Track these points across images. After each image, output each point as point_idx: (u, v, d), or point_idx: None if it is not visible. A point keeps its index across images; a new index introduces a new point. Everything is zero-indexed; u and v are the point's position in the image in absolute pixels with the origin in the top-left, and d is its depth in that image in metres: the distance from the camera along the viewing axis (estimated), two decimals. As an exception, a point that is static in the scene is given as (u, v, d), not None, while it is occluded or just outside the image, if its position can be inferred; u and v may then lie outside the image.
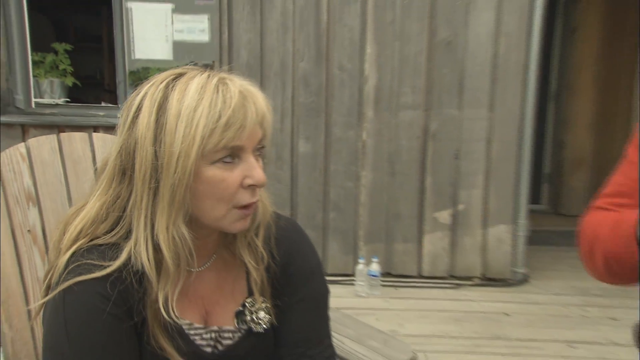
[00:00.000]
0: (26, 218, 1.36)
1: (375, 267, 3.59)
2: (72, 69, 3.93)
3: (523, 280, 3.94)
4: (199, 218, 0.98)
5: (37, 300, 1.27)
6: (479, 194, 3.83)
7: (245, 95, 0.94)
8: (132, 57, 3.62)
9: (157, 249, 0.94)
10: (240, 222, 1.00)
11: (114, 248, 0.96)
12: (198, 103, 0.91)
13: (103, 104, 3.95)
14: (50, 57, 3.84)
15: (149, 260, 0.93)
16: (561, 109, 6.04)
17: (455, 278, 3.88)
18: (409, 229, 3.83)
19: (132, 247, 0.94)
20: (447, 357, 2.80)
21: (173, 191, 0.92)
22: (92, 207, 0.98)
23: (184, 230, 0.94)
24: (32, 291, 1.35)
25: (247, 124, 0.93)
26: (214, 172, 0.94)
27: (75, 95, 4.02)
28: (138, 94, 0.97)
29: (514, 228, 3.88)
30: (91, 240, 0.96)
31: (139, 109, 0.95)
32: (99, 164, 1.27)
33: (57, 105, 3.73)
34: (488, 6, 3.65)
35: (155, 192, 0.94)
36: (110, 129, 2.03)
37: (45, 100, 3.65)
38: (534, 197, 5.32)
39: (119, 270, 0.93)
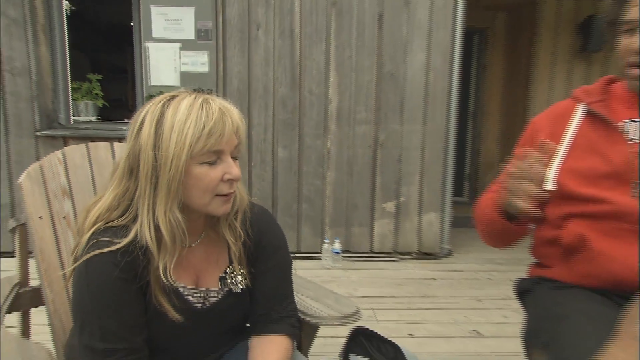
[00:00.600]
0: (62, 208, 1.35)
1: (337, 246, 3.62)
2: (102, 94, 3.91)
3: (448, 254, 4.01)
4: (190, 205, 1.00)
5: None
6: (415, 189, 3.87)
7: (223, 111, 0.97)
8: (149, 84, 3.60)
9: (157, 229, 0.96)
10: (223, 207, 1.01)
11: (124, 229, 0.97)
12: (187, 117, 0.93)
13: (126, 120, 3.90)
14: (85, 85, 3.82)
15: (151, 238, 0.95)
16: (477, 125, 6.10)
17: (397, 253, 3.91)
18: (363, 216, 3.86)
19: (138, 228, 0.96)
20: (390, 312, 2.81)
21: (169, 185, 0.94)
22: (107, 198, 0.99)
23: (178, 214, 0.97)
24: (67, 263, 1.31)
25: (225, 132, 0.96)
26: (200, 170, 0.96)
27: (105, 114, 3.97)
28: (142, 112, 0.99)
29: (441, 215, 3.94)
30: (106, 223, 0.98)
31: (142, 122, 0.96)
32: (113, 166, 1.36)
33: (90, 122, 3.71)
34: (420, 48, 3.69)
35: (155, 186, 0.95)
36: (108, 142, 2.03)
37: (81, 118, 3.62)
38: (457, 192, 5.43)
39: (128, 245, 0.94)
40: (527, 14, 5.51)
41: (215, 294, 1.08)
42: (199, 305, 1.05)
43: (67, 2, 3.34)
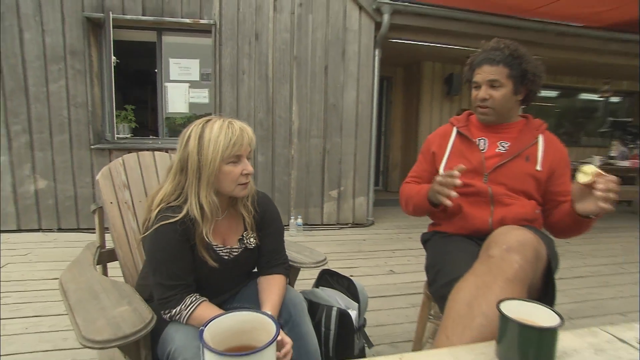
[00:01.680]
0: (124, 196, 1.36)
1: (300, 221, 3.63)
2: (134, 118, 3.78)
3: (372, 223, 4.04)
4: (221, 191, 1.00)
5: (132, 237, 1.32)
6: (351, 181, 3.90)
7: (242, 129, 0.97)
8: (167, 111, 3.54)
9: (201, 207, 0.96)
10: (243, 192, 1.01)
11: (179, 208, 0.97)
12: (219, 134, 0.94)
13: (151, 137, 3.81)
14: (123, 113, 3.67)
15: (197, 212, 0.96)
16: (387, 139, 6.16)
17: (339, 224, 3.94)
18: (317, 200, 3.86)
19: (189, 207, 0.96)
20: (337, 262, 2.80)
21: (208, 178, 0.95)
22: (167, 188, 1.00)
23: (214, 197, 0.98)
24: (128, 233, 1.32)
25: (244, 143, 0.97)
26: (228, 168, 0.96)
27: (135, 132, 3.85)
28: (188, 129, 0.98)
29: (367, 198, 3.98)
30: (167, 204, 0.98)
31: (188, 137, 0.97)
32: (165, 167, 1.26)
33: (126, 138, 3.58)
34: (352, 88, 3.75)
35: (199, 179, 0.96)
36: (154, 150, 1.95)
37: (120, 136, 3.49)
38: (376, 183, 5.46)
39: (182, 218, 0.95)
40: (415, 69, 5.69)
41: (237, 250, 1.08)
42: (226, 257, 1.05)
43: (114, 57, 3.23)
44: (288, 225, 3.67)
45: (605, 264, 3.01)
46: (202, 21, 3.39)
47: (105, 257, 1.31)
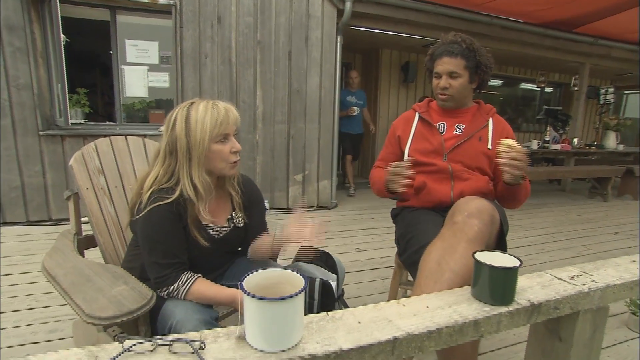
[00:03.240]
0: (99, 182, 1.34)
1: (266, 205, 3.62)
2: (88, 103, 3.53)
3: (335, 206, 4.13)
4: (212, 170, 1.01)
5: (111, 223, 1.31)
6: (315, 166, 3.94)
7: (227, 109, 0.99)
8: (124, 96, 3.34)
9: (194, 187, 0.98)
10: (233, 170, 1.04)
11: (171, 190, 0.98)
12: (205, 114, 0.96)
13: (107, 122, 3.58)
14: (75, 96, 3.42)
15: (191, 192, 0.98)
16: None
17: (305, 207, 4.00)
18: (282, 185, 3.87)
19: (183, 187, 0.98)
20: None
21: (199, 158, 0.97)
22: (157, 171, 1.01)
23: (206, 176, 1.00)
24: (106, 218, 1.31)
25: (230, 122, 0.99)
26: (217, 146, 0.98)
27: (88, 117, 3.58)
28: (173, 113, 0.99)
29: (331, 182, 4.05)
30: (160, 186, 0.99)
31: (174, 120, 0.97)
32: (139, 152, 1.36)
33: (80, 124, 3.33)
34: (315, 74, 3.76)
35: (189, 160, 0.97)
36: (111, 136, 1.80)
37: (73, 121, 3.23)
38: (338, 167, 5.83)
39: (176, 199, 0.97)
40: (374, 56, 5.81)
41: (226, 229, 1.11)
42: (216, 236, 1.08)
43: (64, 36, 2.97)
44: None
45: (542, 234, 3.43)
46: (160, 1, 3.21)
47: (83, 243, 1.30)
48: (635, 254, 0.96)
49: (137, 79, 3.33)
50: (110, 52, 3.27)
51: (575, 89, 5.66)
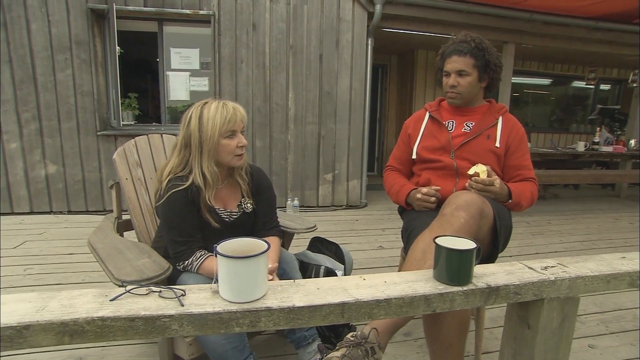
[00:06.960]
0: (137, 173, 1.47)
1: (296, 202, 3.70)
2: (138, 106, 3.85)
3: (365, 205, 4.15)
4: (220, 162, 1.09)
5: (145, 208, 1.45)
6: (345, 165, 3.99)
7: (235, 108, 1.07)
8: (169, 99, 3.63)
9: (204, 176, 1.06)
10: (239, 162, 1.12)
11: (185, 177, 1.07)
12: (215, 113, 1.04)
13: (154, 123, 3.91)
14: (127, 101, 3.75)
15: (201, 180, 1.06)
16: (381, 126, 6.24)
17: (334, 206, 4.04)
18: (312, 183, 3.95)
19: (194, 176, 1.06)
20: (331, 238, 2.91)
21: (209, 151, 1.05)
22: (173, 161, 1.11)
23: (215, 167, 1.08)
24: (142, 204, 1.45)
25: (237, 120, 1.07)
26: (225, 141, 1.06)
27: (138, 119, 3.91)
28: (189, 111, 1.08)
29: (360, 182, 4.07)
30: (175, 175, 1.08)
31: (190, 117, 1.07)
32: (170, 145, 1.43)
33: (130, 125, 3.66)
34: (346, 76, 3.82)
35: (201, 152, 1.06)
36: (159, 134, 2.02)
37: (125, 122, 3.57)
38: (370, 168, 5.47)
39: (189, 186, 1.06)
40: (409, 57, 5.74)
41: (236, 213, 1.19)
42: (226, 219, 1.17)
43: (118, 47, 3.34)
44: (285, 207, 3.80)
45: (581, 240, 3.21)
46: (201, 12, 3.48)
47: (122, 226, 1.48)
48: (636, 253, 0.94)
49: (180, 83, 3.61)
50: (158, 59, 3.60)
51: (634, 85, 5.15)
